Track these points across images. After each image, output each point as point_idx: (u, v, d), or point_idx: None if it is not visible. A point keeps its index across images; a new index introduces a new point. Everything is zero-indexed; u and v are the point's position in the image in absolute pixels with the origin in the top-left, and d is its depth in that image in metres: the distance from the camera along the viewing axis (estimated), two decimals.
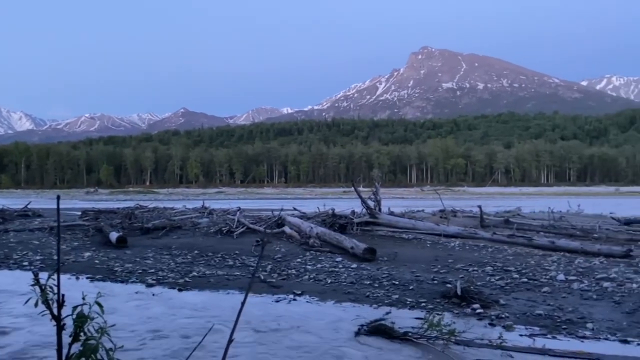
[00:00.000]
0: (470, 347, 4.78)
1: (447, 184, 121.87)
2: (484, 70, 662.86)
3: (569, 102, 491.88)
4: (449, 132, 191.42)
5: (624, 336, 5.21)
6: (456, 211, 19.00)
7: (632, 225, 15.44)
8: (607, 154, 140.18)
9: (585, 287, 7.28)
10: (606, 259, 9.58)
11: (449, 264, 9.32)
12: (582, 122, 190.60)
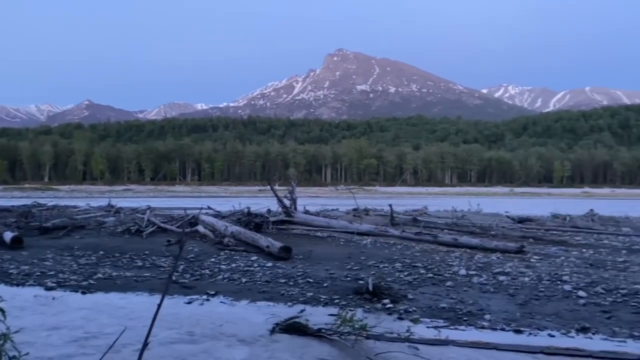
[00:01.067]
0: (380, 341, 4.98)
1: (360, 183, 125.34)
2: (396, 74, 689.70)
3: (471, 108, 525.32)
4: (363, 133, 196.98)
5: (518, 326, 5.68)
6: (368, 210, 19.62)
7: (525, 223, 16.84)
8: (503, 157, 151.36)
9: (484, 281, 7.84)
10: (502, 255, 10.38)
11: (362, 261, 9.62)
12: (482, 127, 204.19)
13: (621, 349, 4.92)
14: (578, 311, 6.25)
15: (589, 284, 7.50)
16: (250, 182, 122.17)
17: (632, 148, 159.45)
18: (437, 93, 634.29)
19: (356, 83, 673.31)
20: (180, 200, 44.15)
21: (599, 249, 11.71)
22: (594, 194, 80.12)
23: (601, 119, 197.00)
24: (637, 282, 7.68)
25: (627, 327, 5.61)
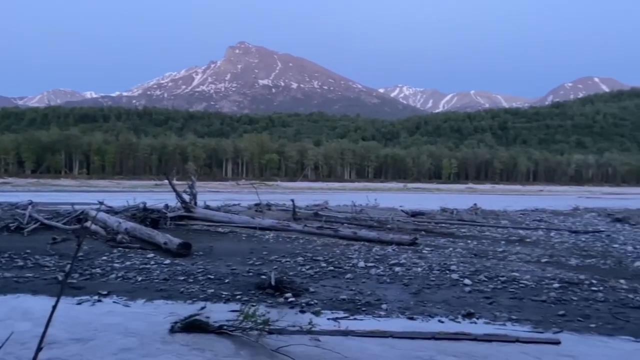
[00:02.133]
0: (283, 335, 5.02)
1: (262, 178, 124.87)
2: (298, 70, 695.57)
3: (369, 106, 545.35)
4: (265, 128, 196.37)
5: (411, 314, 6.02)
6: (271, 205, 19.61)
7: (417, 217, 17.85)
8: (398, 154, 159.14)
9: (381, 272, 8.20)
10: (398, 247, 10.92)
11: (264, 256, 9.60)
12: (379, 125, 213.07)
13: (501, 332, 5.41)
14: (464, 298, 6.77)
15: (474, 273, 8.14)
16: (146, 176, 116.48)
17: (509, 148, 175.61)
18: (337, 91, 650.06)
19: (258, 77, 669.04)
20: (67, 194, 40.91)
21: (482, 240, 12.76)
22: (477, 190, 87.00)
23: (483, 120, 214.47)
24: (514, 270, 8.48)
25: (506, 311, 6.17)
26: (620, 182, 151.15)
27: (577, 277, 7.96)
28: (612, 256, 10.44)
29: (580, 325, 5.69)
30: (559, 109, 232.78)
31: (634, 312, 6.17)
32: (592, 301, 6.63)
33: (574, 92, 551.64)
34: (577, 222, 18.22)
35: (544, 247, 11.77)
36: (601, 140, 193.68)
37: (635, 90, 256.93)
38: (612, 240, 13.06)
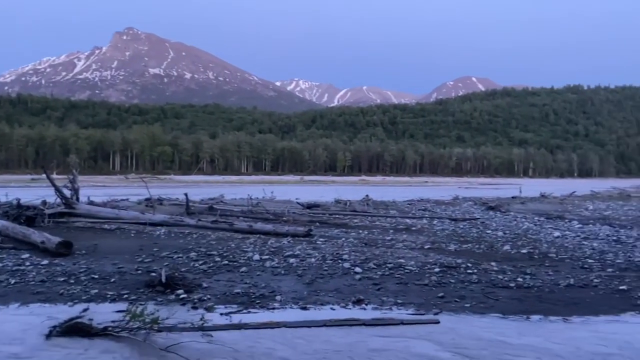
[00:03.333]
0: (173, 332, 4.88)
1: (154, 172, 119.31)
2: (191, 60, 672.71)
3: (266, 99, 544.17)
4: (156, 119, 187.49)
5: (305, 304, 6.16)
6: (163, 199, 18.86)
7: (313, 208, 18.22)
8: (295, 147, 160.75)
9: (275, 264, 8.27)
10: (293, 239, 11.08)
11: (154, 252, 9.24)
12: (276, 118, 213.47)
13: (387, 315, 5.74)
14: (355, 285, 7.06)
15: (364, 261, 8.52)
16: (21, 171, 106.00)
17: (398, 142, 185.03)
18: (233, 82, 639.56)
19: (149, 66, 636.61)
20: None
21: (372, 229, 13.37)
22: (369, 182, 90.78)
23: (375, 115, 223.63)
24: (400, 257, 9.00)
25: (392, 296, 6.54)
26: (493, 173, 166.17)
27: (455, 261, 8.66)
28: (485, 241, 11.49)
29: (457, 305, 6.21)
30: (442, 106, 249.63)
31: (502, 291, 6.86)
32: (468, 283, 7.25)
33: (455, 90, 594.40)
34: (457, 211, 19.76)
35: (427, 234, 12.63)
36: (478, 135, 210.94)
37: (506, 90, 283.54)
38: (486, 227, 14.36)
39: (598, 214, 19.66)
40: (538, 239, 11.83)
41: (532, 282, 7.30)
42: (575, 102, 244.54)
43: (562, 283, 7.25)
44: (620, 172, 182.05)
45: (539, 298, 6.56)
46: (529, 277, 7.57)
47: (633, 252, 10.01)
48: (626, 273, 8.01)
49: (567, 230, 13.69)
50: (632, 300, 6.45)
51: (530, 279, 7.45)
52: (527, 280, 7.40)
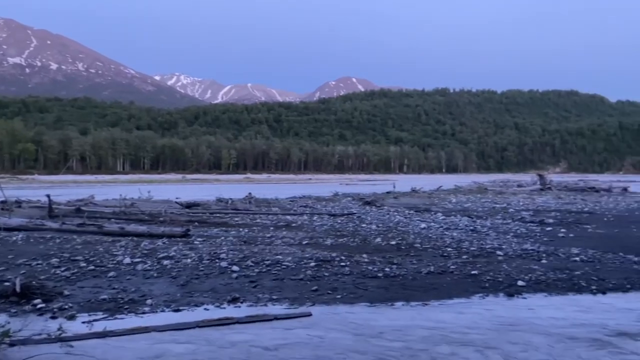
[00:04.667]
0: (27, 345, 4.50)
1: (14, 171, 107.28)
2: (58, 50, 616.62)
3: (144, 94, 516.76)
4: (17, 113, 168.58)
5: (177, 306, 6.01)
6: (21, 201, 17.13)
7: (192, 208, 17.75)
8: (176, 144, 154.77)
9: (148, 267, 7.95)
10: (169, 240, 10.71)
11: (10, 260, 8.38)
12: (156, 114, 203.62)
13: (262, 312, 5.81)
14: (231, 284, 7.04)
15: (242, 259, 8.52)
16: None
17: (283, 139, 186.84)
18: (107, 75, 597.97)
19: (7, 54, 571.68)
20: None
21: (253, 227, 13.38)
22: (254, 179, 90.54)
23: (260, 113, 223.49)
24: (278, 253, 9.14)
25: (268, 292, 6.64)
26: (372, 170, 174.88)
27: (330, 255, 9.01)
28: (359, 234, 12.09)
29: (329, 297, 6.48)
30: (325, 105, 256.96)
31: (371, 281, 7.28)
32: (340, 275, 7.59)
33: (336, 90, 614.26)
34: (336, 207, 20.51)
35: (306, 230, 12.96)
36: (358, 134, 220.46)
37: (383, 91, 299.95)
38: (362, 221, 15.10)
39: (460, 206, 21.63)
40: (406, 231, 12.72)
41: (398, 271, 7.85)
42: (443, 104, 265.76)
43: (424, 271, 7.90)
44: (481, 168, 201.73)
45: (403, 286, 7.08)
46: (395, 267, 8.12)
47: (485, 240, 11.19)
48: (478, 259, 8.94)
49: (432, 222, 14.88)
50: (481, 284, 7.22)
51: (396, 269, 8.00)
52: (394, 269, 7.94)
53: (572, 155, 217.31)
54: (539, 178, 41.39)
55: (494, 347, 4.77)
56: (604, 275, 7.73)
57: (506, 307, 6.17)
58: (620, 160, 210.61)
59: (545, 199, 26.38)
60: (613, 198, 28.49)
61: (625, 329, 5.34)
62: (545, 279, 7.42)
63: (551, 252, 9.62)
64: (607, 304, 6.38)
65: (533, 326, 5.41)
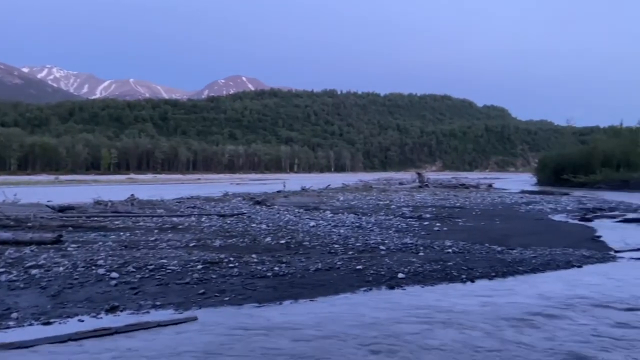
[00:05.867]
0: None
1: None
2: None
3: (10, 87, 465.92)
4: None
5: (47, 318, 5.52)
6: None
7: (66, 212, 16.37)
8: (48, 143, 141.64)
9: (13, 277, 7.19)
10: (38, 247, 9.77)
11: None
12: (24, 110, 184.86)
13: (144, 320, 5.53)
14: (110, 292, 6.61)
15: (122, 265, 8.04)
16: None
17: (170, 138, 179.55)
18: None
19: None
20: None
21: (135, 230, 12.68)
22: (138, 180, 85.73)
23: (144, 110, 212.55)
24: (163, 257, 8.76)
25: (151, 299, 6.33)
26: (263, 169, 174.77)
27: (219, 256, 8.84)
28: (249, 234, 12.01)
29: (216, 300, 6.35)
30: (214, 103, 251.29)
31: (260, 281, 7.27)
32: (229, 277, 7.48)
33: (226, 89, 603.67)
34: (226, 207, 20.16)
35: (194, 232, 12.57)
36: (249, 133, 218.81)
37: (273, 91, 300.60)
38: (252, 221, 15.01)
39: (347, 204, 22.41)
40: (296, 230, 12.89)
41: (287, 269, 7.93)
42: (331, 105, 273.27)
43: (312, 268, 8.06)
44: (367, 167, 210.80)
45: (291, 284, 7.16)
46: (284, 266, 8.19)
47: (370, 236, 11.71)
48: (363, 254, 9.34)
49: (321, 220, 15.25)
50: (365, 278, 7.55)
51: (285, 267, 8.07)
52: (283, 268, 8.01)
53: (446, 154, 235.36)
54: (418, 176, 44.36)
55: (374, 338, 5.02)
56: (472, 264, 8.48)
57: (386, 299, 6.51)
58: (487, 160, 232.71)
59: (423, 196, 28.30)
60: (480, 194, 31.40)
61: (486, 313, 5.91)
62: (422, 271, 7.95)
63: (428, 245, 10.34)
64: (474, 290, 7.01)
65: (409, 315, 5.78)
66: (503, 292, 6.85)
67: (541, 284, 7.37)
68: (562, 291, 6.92)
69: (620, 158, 49.01)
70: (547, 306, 6.17)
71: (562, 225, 15.25)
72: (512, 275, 7.90)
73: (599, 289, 7.03)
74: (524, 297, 6.61)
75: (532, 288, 7.11)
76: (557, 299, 6.49)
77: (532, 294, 6.78)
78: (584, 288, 7.10)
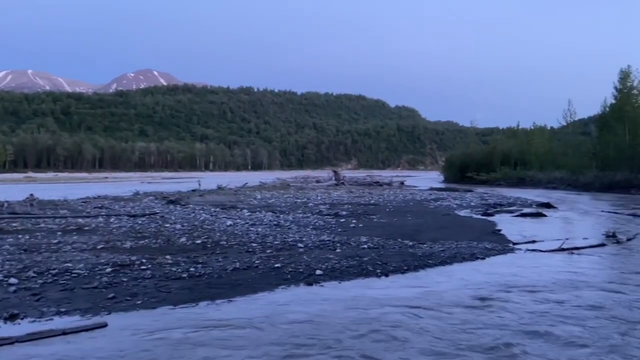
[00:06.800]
0: None
1: None
2: None
3: None
4: None
5: None
6: None
7: None
8: None
9: None
10: None
11: None
12: None
13: (46, 328, 5.16)
14: (8, 299, 6.10)
15: (22, 270, 7.44)
16: None
17: (73, 134, 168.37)
18: None
19: None
20: None
21: (35, 233, 11.76)
22: (37, 179, 79.43)
23: (44, 103, 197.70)
24: (67, 260, 8.22)
25: (55, 305, 5.92)
26: (177, 167, 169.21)
27: (130, 258, 8.44)
28: (163, 235, 11.58)
29: (128, 304, 6.07)
30: (123, 98, 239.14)
31: (175, 283, 7.05)
32: (141, 279, 7.18)
33: (136, 83, 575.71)
34: (137, 207, 19.28)
35: (102, 233, 11.90)
36: (161, 130, 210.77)
37: (187, 87, 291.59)
38: (165, 221, 14.48)
39: (264, 202, 22.32)
40: (212, 229, 12.63)
41: (204, 270, 7.75)
42: (248, 102, 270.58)
43: (230, 268, 7.95)
44: (284, 165, 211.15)
45: (208, 284, 7.01)
46: (200, 266, 8.00)
47: (288, 234, 11.76)
48: (281, 252, 9.36)
49: (238, 219, 15.06)
50: (284, 276, 7.57)
51: (201, 268, 7.89)
52: (199, 269, 7.82)
53: (361, 153, 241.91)
54: (334, 174, 45.22)
55: (294, 337, 5.06)
56: (386, 259, 8.80)
57: (305, 295, 6.58)
58: (399, 158, 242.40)
59: (340, 193, 28.89)
60: (393, 191, 32.65)
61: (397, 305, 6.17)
62: (339, 267, 8.13)
63: (344, 242, 10.58)
64: (388, 284, 7.29)
65: (327, 310, 5.89)
66: (417, 284, 7.18)
67: (449, 275, 7.81)
68: (475, 279, 7.38)
69: (517, 157, 53.22)
70: (461, 294, 6.55)
71: (467, 220, 16.27)
72: (423, 269, 8.30)
73: (501, 278, 7.58)
74: (439, 286, 6.97)
75: (444, 279, 7.52)
76: (473, 287, 6.91)
77: (445, 284, 7.17)
78: (489, 277, 7.62)
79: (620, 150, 38.83)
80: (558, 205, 21.66)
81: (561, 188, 38.68)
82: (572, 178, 40.45)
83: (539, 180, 43.78)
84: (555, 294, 6.68)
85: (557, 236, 12.00)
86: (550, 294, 6.68)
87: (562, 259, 9.32)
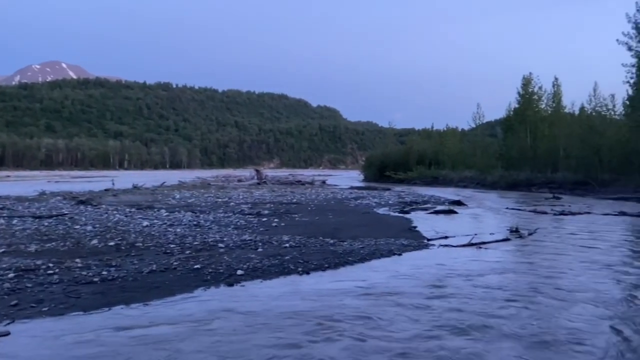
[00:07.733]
0: None
1: None
2: None
3: None
4: None
5: None
6: None
7: None
8: None
9: None
10: None
11: None
12: None
13: None
14: None
15: None
16: None
17: None
18: None
19: None
20: None
21: None
22: None
23: None
24: None
25: None
26: (88, 165, 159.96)
27: (35, 262, 7.89)
28: (72, 237, 10.91)
29: (33, 311, 5.67)
30: (28, 91, 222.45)
31: (85, 288, 6.68)
32: (48, 284, 6.73)
33: (42, 75, 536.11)
34: (42, 207, 18.01)
35: (3, 236, 11.00)
36: (70, 126, 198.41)
37: (99, 80, 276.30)
38: (75, 222, 13.64)
39: (183, 202, 21.69)
40: (127, 230, 12.09)
41: (117, 273, 7.41)
42: (166, 98, 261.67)
43: (146, 270, 7.66)
44: (204, 163, 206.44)
45: (122, 288, 6.71)
46: (114, 269, 7.64)
47: (208, 234, 11.52)
48: (201, 253, 9.15)
49: (155, 219, 14.52)
50: (204, 277, 7.42)
51: (115, 271, 7.54)
52: (112, 272, 7.46)
53: (283, 152, 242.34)
54: (256, 173, 44.89)
55: (213, 334, 4.99)
56: (308, 258, 8.90)
57: (225, 296, 6.49)
58: (320, 157, 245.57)
59: (262, 192, 28.74)
60: (315, 190, 33.02)
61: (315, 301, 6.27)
62: (261, 266, 8.10)
63: (266, 241, 10.55)
64: (309, 281, 7.38)
65: (248, 311, 5.86)
66: (337, 279, 7.32)
67: (370, 271, 8.04)
68: (391, 274, 7.65)
69: (431, 157, 55.85)
70: (377, 287, 6.76)
71: (385, 218, 16.83)
72: (343, 266, 8.47)
73: (416, 271, 7.93)
74: (359, 282, 7.14)
75: (362, 274, 7.73)
76: (388, 281, 7.15)
77: (364, 280, 7.37)
78: (404, 271, 7.94)
79: (523, 151, 42.04)
80: (468, 203, 22.99)
81: (471, 186, 41.15)
82: (481, 177, 43.18)
83: (451, 179, 46.28)
84: (463, 283, 7.10)
85: (467, 232, 12.73)
86: (457, 284, 7.10)
87: (470, 254, 9.91)
